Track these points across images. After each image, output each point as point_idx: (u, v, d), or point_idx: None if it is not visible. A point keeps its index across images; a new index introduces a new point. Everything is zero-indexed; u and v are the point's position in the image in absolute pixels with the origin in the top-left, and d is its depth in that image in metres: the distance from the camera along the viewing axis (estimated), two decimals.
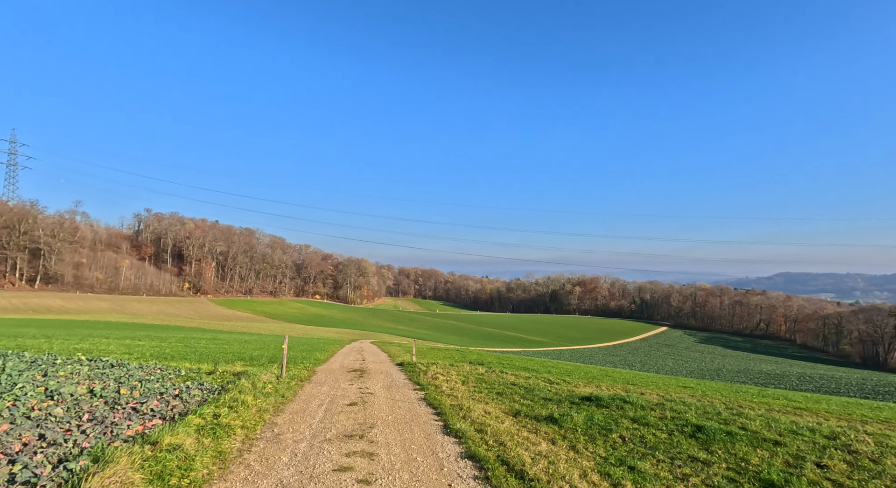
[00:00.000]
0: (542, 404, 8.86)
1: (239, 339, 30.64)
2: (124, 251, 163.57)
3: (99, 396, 6.64)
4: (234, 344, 25.60)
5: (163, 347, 20.05)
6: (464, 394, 9.85)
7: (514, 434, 6.50)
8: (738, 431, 6.47)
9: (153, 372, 10.61)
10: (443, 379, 11.74)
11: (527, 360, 26.48)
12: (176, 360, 13.87)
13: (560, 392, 10.79)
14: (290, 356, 18.00)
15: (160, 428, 5.13)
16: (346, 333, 78.67)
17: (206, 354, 16.91)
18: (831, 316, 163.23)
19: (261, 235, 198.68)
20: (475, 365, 19.17)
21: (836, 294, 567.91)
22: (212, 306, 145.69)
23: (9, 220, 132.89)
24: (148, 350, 17.83)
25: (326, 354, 20.88)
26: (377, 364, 16.49)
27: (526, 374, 14.68)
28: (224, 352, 18.87)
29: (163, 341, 25.31)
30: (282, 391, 8.83)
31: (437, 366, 14.69)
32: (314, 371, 13.39)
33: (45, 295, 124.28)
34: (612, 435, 6.38)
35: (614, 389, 13.06)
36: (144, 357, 14.87)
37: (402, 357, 20.56)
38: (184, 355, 15.82)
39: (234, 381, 8.95)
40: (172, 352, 17.51)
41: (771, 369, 74.65)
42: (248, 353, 18.49)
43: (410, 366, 14.85)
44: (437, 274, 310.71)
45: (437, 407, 8.43)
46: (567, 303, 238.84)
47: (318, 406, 8.12)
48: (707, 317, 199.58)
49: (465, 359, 22.41)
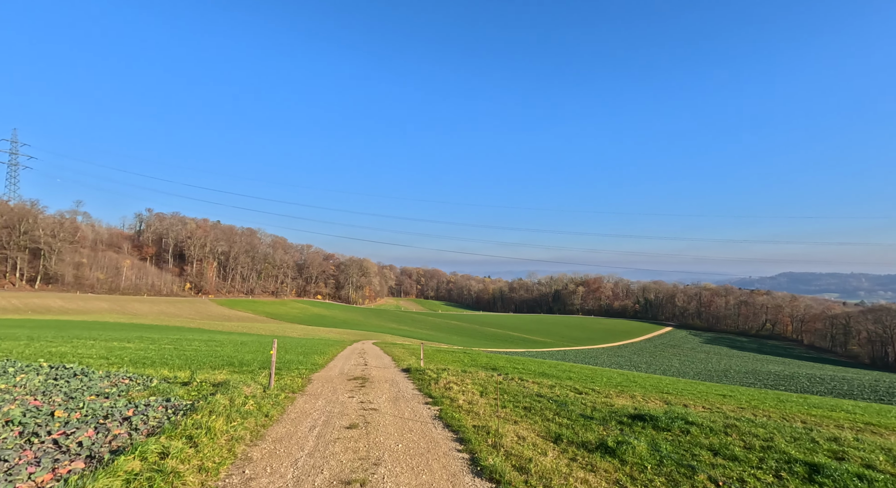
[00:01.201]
0: (583, 424, 7.23)
1: (235, 341, 29.05)
2: (125, 251, 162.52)
3: (17, 423, 5.04)
4: (229, 346, 24.01)
5: (148, 350, 18.47)
6: (486, 410, 8.21)
7: (567, 474, 4.86)
8: (866, 472, 4.82)
9: (118, 383, 9.03)
10: (458, 390, 10.11)
11: (540, 363, 24.80)
12: (155, 367, 12.29)
13: (596, 405, 9.15)
14: (285, 360, 16.40)
15: (71, 482, 3.51)
16: (347, 334, 77.12)
17: (192, 358, 15.32)
18: (839, 316, 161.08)
19: (262, 235, 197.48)
20: (488, 370, 17.54)
21: (840, 294, 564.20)
22: (213, 306, 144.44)
23: (9, 220, 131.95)
24: (130, 354, 16.26)
25: (325, 358, 19.26)
26: (381, 369, 14.85)
27: (548, 382, 13.01)
28: (215, 355, 17.28)
29: (153, 343, 23.75)
30: (266, 408, 7.20)
31: (447, 372, 13.04)
32: (310, 379, 11.76)
33: (45, 295, 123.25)
34: (699, 477, 4.75)
35: (652, 400, 11.40)
36: (122, 362, 13.30)
37: (407, 361, 18.93)
38: (166, 360, 14.22)
39: (210, 396, 7.35)
40: (157, 355, 15.93)
41: (779, 370, 72.90)
42: (239, 357, 16.90)
43: (418, 372, 13.20)
44: (440, 274, 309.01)
45: (458, 429, 6.79)
46: (570, 303, 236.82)
47: (310, 429, 6.49)
48: (712, 317, 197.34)
49: (475, 363, 20.78)
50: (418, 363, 17.14)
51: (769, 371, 70.28)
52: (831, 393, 44.88)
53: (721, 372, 67.85)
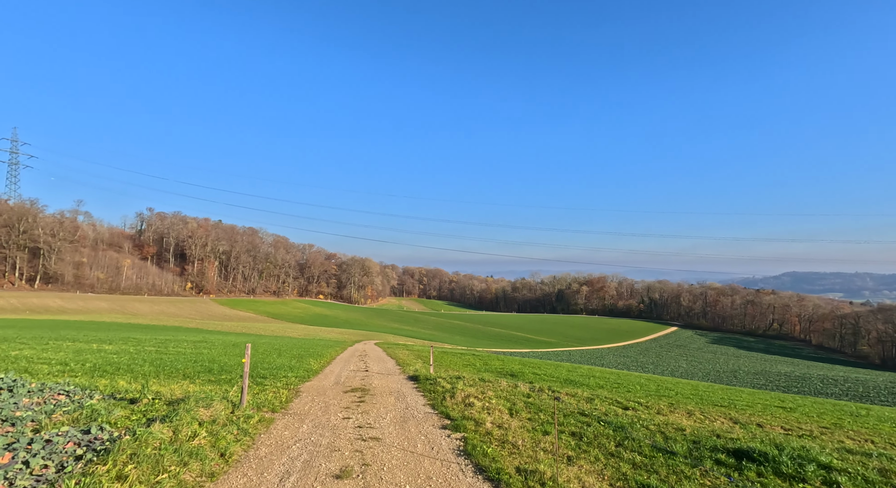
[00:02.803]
0: (667, 465, 5.17)
1: (227, 342, 27.03)
2: (126, 250, 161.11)
3: None
4: (218, 348, 22.01)
5: (123, 354, 16.47)
6: (525, 439, 6.15)
7: None
8: None
9: (47, 401, 7.02)
10: (480, 407, 8.05)
11: (557, 367, 22.67)
12: (115, 375, 10.28)
13: (664, 430, 7.08)
14: (275, 366, 14.36)
15: None
16: (349, 334, 75.17)
17: (167, 364, 13.31)
18: (848, 316, 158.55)
19: (264, 235, 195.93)
20: (506, 376, 15.43)
21: (844, 293, 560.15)
22: (214, 306, 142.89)
23: (8, 219, 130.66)
24: (100, 358, 14.24)
25: (322, 361, 17.22)
26: (384, 377, 12.78)
27: (583, 393, 10.92)
28: (196, 359, 15.27)
29: (137, 344, 21.75)
30: (224, 442, 5.14)
31: (463, 381, 10.96)
32: (298, 390, 9.70)
33: (44, 295, 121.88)
34: None
35: (716, 418, 9.31)
36: (81, 370, 11.31)
37: (413, 365, 16.84)
38: (134, 366, 12.19)
39: (148, 424, 5.33)
40: (129, 360, 13.91)
41: (789, 371, 70.73)
42: (223, 362, 14.87)
43: (429, 381, 11.10)
44: (442, 273, 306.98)
45: (496, 476, 4.71)
46: (574, 302, 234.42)
47: (280, 480, 4.42)
48: (718, 317, 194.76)
49: (488, 368, 18.67)
50: (427, 369, 15.06)
51: (779, 372, 68.13)
52: (846, 394, 43.22)
53: (730, 372, 65.78)
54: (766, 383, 53.45)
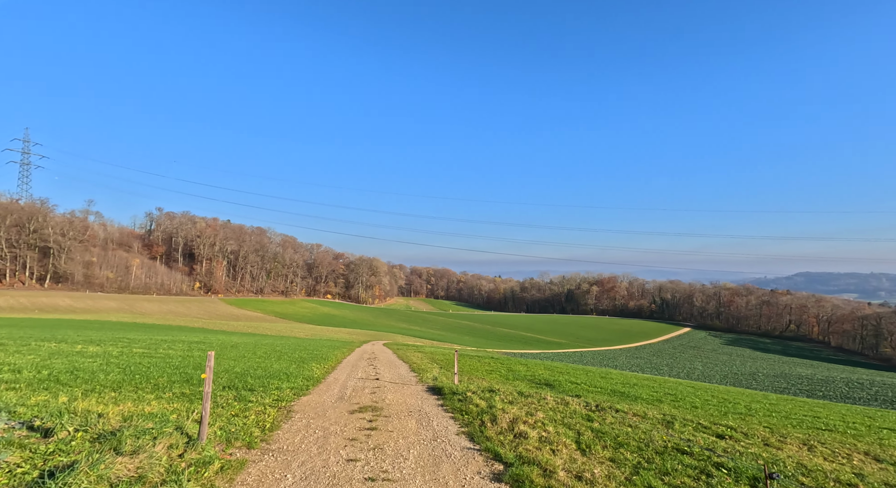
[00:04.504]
0: None
1: (226, 343, 25.06)
2: (135, 250, 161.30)
3: None
4: (214, 349, 20.01)
5: (98, 357, 14.47)
6: None
7: None
8: None
9: None
10: (536, 438, 5.80)
11: (586, 372, 20.27)
12: (66, 388, 8.22)
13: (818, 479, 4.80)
14: (270, 372, 12.23)
15: None
16: (357, 334, 73.31)
17: (140, 371, 11.24)
18: (869, 317, 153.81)
19: (272, 234, 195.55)
20: (540, 386, 13.12)
21: (859, 294, 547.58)
22: (222, 306, 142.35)
23: (19, 219, 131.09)
24: (65, 364, 12.16)
25: (326, 366, 15.08)
26: (398, 388, 10.56)
27: (652, 412, 8.61)
28: (180, 365, 13.21)
29: (127, 345, 19.82)
30: None
31: (499, 396, 8.66)
32: (291, 409, 7.52)
33: (54, 294, 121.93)
34: None
35: (846, 453, 6.98)
36: (33, 379, 9.29)
37: (430, 371, 14.60)
38: (98, 376, 10.08)
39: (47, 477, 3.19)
40: (99, 366, 11.85)
41: (810, 373, 67.54)
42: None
43: (456, 396, 8.82)
44: (450, 273, 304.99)
45: None
46: (584, 302, 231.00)
47: None
48: (732, 318, 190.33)
49: (513, 373, 16.35)
50: (448, 376, 12.79)
51: (799, 374, 65.00)
52: (874, 399, 40.81)
53: (748, 375, 62.82)
54: (788, 386, 50.52)
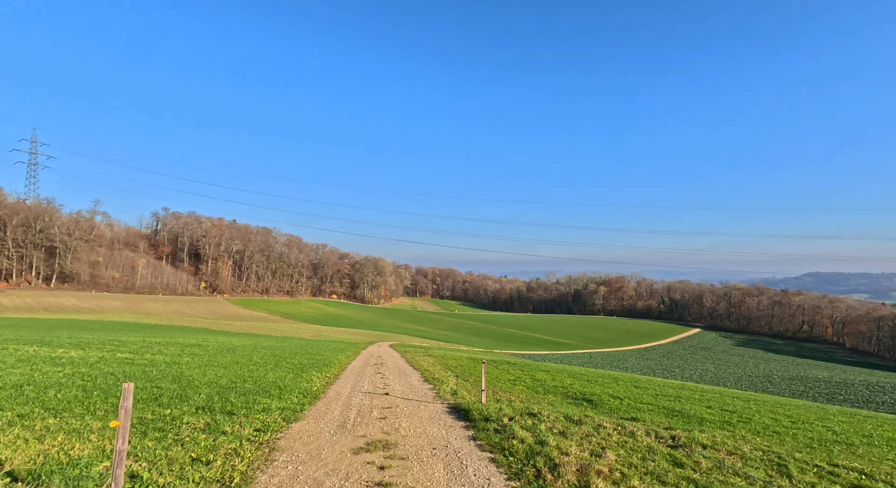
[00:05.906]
0: None
1: (224, 346, 23.91)
2: (141, 250, 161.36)
3: None
4: (210, 352, 18.86)
5: (70, 364, 13.32)
6: None
7: None
8: None
9: None
10: None
11: (614, 380, 18.86)
12: None
13: None
14: (265, 383, 11.02)
15: None
16: (362, 335, 72.22)
17: (105, 386, 10.03)
18: (886, 318, 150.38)
19: (277, 234, 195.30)
20: (578, 401, 11.74)
21: (870, 294, 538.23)
22: (228, 306, 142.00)
23: (25, 219, 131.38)
24: (22, 376, 10.71)
25: (328, 375, 13.83)
26: (413, 408, 9.23)
27: (746, 447, 7.21)
28: (160, 376, 12.01)
29: (113, 350, 18.71)
30: None
31: (544, 422, 7.30)
32: (273, 445, 6.05)
33: (59, 294, 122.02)
34: None
35: None
36: None
37: (446, 382, 13.27)
38: (46, 393, 8.77)
39: None
40: (53, 380, 10.50)
41: (826, 376, 65.61)
42: (192, 378, 11.57)
43: (491, 423, 7.32)
44: (455, 273, 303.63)
45: None
46: (591, 303, 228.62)
47: None
48: (743, 319, 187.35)
49: (538, 383, 15.00)
50: (467, 388, 11.41)
51: (815, 377, 63.07)
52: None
53: (764, 378, 61.01)
54: (805, 390, 48.81)
